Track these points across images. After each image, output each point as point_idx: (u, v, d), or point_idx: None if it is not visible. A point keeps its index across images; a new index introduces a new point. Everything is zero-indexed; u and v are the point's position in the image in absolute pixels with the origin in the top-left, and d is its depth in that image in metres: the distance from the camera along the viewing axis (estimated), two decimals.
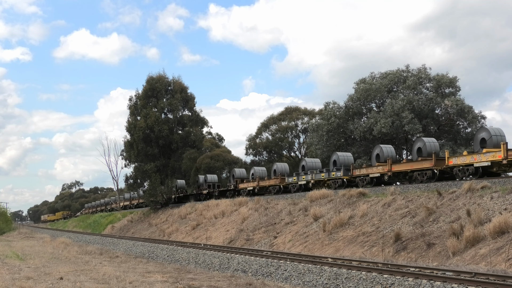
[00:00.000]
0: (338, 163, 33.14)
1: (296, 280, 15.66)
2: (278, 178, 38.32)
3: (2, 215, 73.80)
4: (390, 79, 45.26)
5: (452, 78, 44.05)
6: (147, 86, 58.95)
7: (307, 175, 35.17)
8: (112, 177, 77.52)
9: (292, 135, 63.02)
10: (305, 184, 35.28)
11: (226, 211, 37.44)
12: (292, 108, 64.48)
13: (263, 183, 40.29)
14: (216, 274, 17.64)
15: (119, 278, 15.75)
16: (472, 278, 12.53)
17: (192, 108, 61.92)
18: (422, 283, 12.54)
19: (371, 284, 13.48)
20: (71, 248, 31.92)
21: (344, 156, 33.83)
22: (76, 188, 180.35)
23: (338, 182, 32.23)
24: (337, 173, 32.45)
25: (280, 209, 31.37)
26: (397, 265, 15.53)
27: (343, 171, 31.97)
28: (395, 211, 22.55)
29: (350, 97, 45.87)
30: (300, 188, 35.69)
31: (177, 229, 41.20)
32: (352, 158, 34.57)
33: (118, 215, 67.44)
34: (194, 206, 45.28)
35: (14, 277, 15.91)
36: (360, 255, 19.63)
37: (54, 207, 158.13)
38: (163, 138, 56.20)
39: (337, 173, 32.49)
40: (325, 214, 26.17)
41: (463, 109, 41.57)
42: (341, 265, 16.12)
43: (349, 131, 44.93)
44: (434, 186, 23.98)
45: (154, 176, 53.77)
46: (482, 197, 19.62)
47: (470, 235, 16.76)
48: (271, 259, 19.27)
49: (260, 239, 27.89)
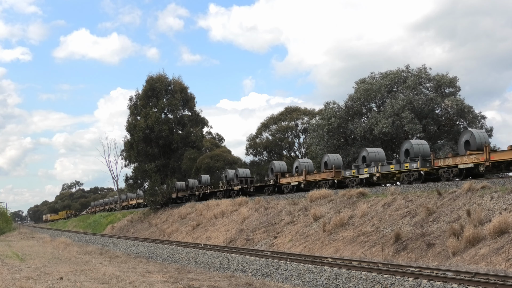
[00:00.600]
0: (412, 152, 28.20)
1: (296, 280, 15.66)
2: (332, 171, 33.20)
3: (2, 215, 73.82)
4: (390, 79, 45.26)
5: (452, 78, 44.06)
6: (147, 86, 58.97)
7: (370, 168, 30.28)
8: (112, 177, 77.66)
9: (292, 135, 63.04)
10: (368, 178, 30.48)
11: (226, 211, 37.43)
12: (292, 108, 64.50)
13: (311, 177, 35.17)
14: (216, 274, 17.64)
15: (119, 278, 15.75)
16: (472, 278, 12.53)
17: (192, 108, 61.94)
18: (422, 283, 12.54)
19: (371, 284, 13.48)
20: (71, 248, 31.92)
21: (419, 145, 28.68)
22: (76, 188, 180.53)
23: (414, 175, 27.41)
24: (412, 164, 27.52)
25: (280, 209, 31.37)
26: (397, 265, 15.52)
27: (420, 161, 27.05)
28: (395, 211, 22.55)
29: (350, 97, 45.87)
30: (360, 183, 30.73)
31: (177, 229, 41.20)
32: (428, 147, 29.37)
33: (118, 215, 67.44)
34: (194, 206, 45.28)
35: (14, 277, 15.91)
36: (360, 255, 19.63)
37: (54, 207, 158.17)
38: (163, 138, 56.22)
39: (411, 164, 27.55)
40: (325, 214, 26.17)
41: (463, 109, 41.57)
42: (341, 265, 16.12)
43: (349, 131, 44.92)
44: (434, 186, 23.98)
45: (154, 176, 53.78)
46: (482, 197, 19.62)
47: (470, 235, 16.75)
48: (271, 259, 19.27)
49: (260, 239, 27.89)
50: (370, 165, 30.52)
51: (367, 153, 31.89)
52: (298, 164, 37.60)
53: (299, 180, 36.05)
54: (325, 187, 32.85)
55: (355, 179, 31.17)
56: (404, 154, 28.64)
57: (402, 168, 28.30)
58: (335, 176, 32.91)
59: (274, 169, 39.79)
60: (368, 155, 31.66)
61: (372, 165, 30.29)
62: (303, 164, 37.15)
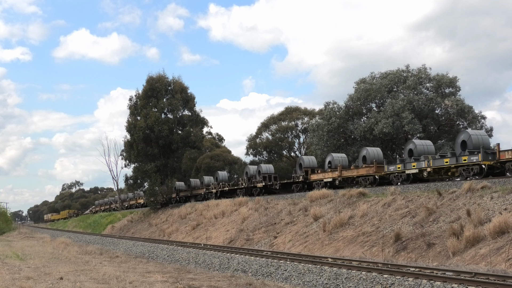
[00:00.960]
0: (470, 144, 25.59)
1: (296, 280, 15.66)
2: (373, 166, 30.20)
3: (2, 215, 73.85)
4: (390, 79, 45.27)
5: (452, 78, 44.08)
6: (147, 86, 58.92)
7: (420, 162, 27.31)
8: (112, 177, 77.76)
9: (292, 135, 63.08)
10: (416, 174, 27.39)
11: (226, 211, 37.43)
12: (292, 108, 64.54)
13: (347, 173, 32.25)
14: (216, 274, 17.64)
15: (119, 278, 15.75)
16: (472, 278, 12.53)
17: (192, 108, 61.87)
18: (422, 283, 12.54)
19: (371, 284, 13.48)
20: (71, 248, 31.91)
21: (478, 135, 26.05)
22: (76, 188, 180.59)
23: (474, 169, 24.65)
24: (472, 157, 24.73)
25: (280, 209, 31.37)
26: (397, 265, 15.53)
27: (481, 154, 24.24)
28: (395, 211, 22.55)
29: (350, 97, 45.89)
30: (407, 179, 27.78)
31: (177, 229, 41.20)
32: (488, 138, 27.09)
33: (118, 215, 67.46)
34: (194, 206, 45.28)
35: (14, 277, 15.91)
36: (360, 255, 19.63)
37: (54, 207, 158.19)
38: (163, 138, 56.16)
39: (471, 157, 24.78)
40: (325, 214, 26.17)
41: (463, 109, 41.59)
42: (341, 265, 16.12)
43: (349, 131, 44.93)
44: (434, 186, 23.98)
45: (154, 176, 53.79)
46: (482, 197, 19.63)
47: (470, 235, 16.76)
48: (271, 259, 19.27)
49: (260, 239, 27.89)
50: (419, 159, 27.50)
51: (414, 145, 28.79)
52: (331, 159, 34.54)
53: (333, 177, 32.98)
54: (364, 184, 30.35)
55: (400, 175, 28.21)
56: (460, 146, 26.08)
57: (459, 162, 25.41)
58: (377, 171, 29.96)
59: (303, 164, 36.47)
60: (415, 148, 28.56)
61: (422, 159, 27.21)
62: (337, 158, 34.02)
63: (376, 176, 30.14)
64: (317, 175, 34.91)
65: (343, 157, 34.85)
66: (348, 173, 32.20)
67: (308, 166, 36.32)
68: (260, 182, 40.30)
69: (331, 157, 34.80)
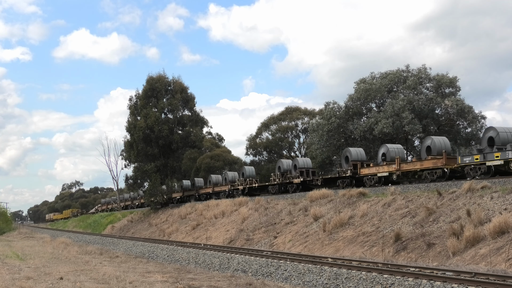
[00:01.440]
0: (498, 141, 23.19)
1: (296, 280, 15.66)
2: (442, 158, 26.39)
3: (2, 215, 73.85)
4: (390, 79, 45.26)
5: (452, 78, 44.06)
6: (147, 86, 58.91)
7: (505, 152, 23.08)
8: (112, 177, 77.67)
9: (292, 135, 63.08)
10: (500, 166, 23.40)
11: (226, 211, 37.44)
12: (292, 108, 64.53)
13: (408, 166, 28.71)
14: (216, 274, 17.64)
15: (119, 278, 15.75)
16: (472, 278, 12.53)
17: (192, 108, 61.86)
18: (422, 283, 12.54)
19: (371, 284, 13.48)
20: (71, 248, 31.92)
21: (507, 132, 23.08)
22: (76, 188, 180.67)
23: None
24: None
25: (280, 209, 31.37)
26: (397, 265, 15.52)
27: None
28: (395, 211, 22.55)
29: (350, 97, 45.87)
30: (487, 172, 23.89)
31: (177, 229, 41.20)
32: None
33: (118, 215, 67.45)
34: (194, 206, 45.28)
35: (14, 277, 15.91)
36: (360, 255, 19.63)
37: (54, 207, 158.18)
38: (163, 138, 56.15)
39: None
40: (325, 214, 26.17)
41: (463, 109, 41.57)
42: (341, 265, 16.12)
43: (349, 131, 44.92)
44: (434, 186, 23.97)
45: (154, 176, 53.79)
46: (482, 197, 19.62)
47: (470, 235, 16.76)
48: (271, 259, 19.28)
49: (260, 239, 27.89)
50: (503, 149, 23.45)
51: (495, 133, 24.40)
52: (385, 151, 30.83)
53: (389, 170, 29.37)
54: (431, 178, 26.68)
55: (479, 168, 24.31)
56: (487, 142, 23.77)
57: None
58: (447, 163, 26.15)
59: (351, 157, 32.63)
60: (497, 136, 24.21)
61: (508, 148, 23.07)
62: (393, 150, 30.41)
63: (445, 169, 26.28)
64: (368, 169, 31.31)
65: (400, 148, 31.22)
66: (409, 166, 28.61)
67: (356, 159, 32.47)
68: (296, 177, 36.63)
69: (386, 148, 30.98)
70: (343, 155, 33.88)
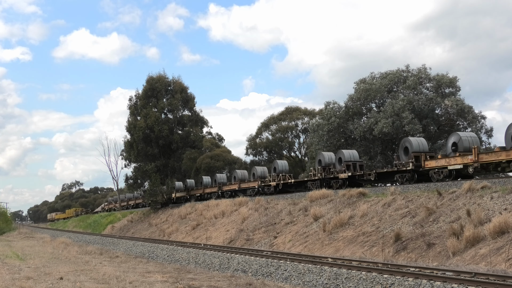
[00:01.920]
0: None
1: (296, 280, 15.66)
2: None
3: (2, 215, 73.83)
4: (390, 79, 45.27)
5: (452, 78, 44.07)
6: (147, 86, 59.00)
7: None
8: (112, 177, 77.51)
9: (292, 135, 63.12)
10: None
11: (226, 211, 37.43)
12: (292, 108, 64.57)
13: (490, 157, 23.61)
14: (216, 274, 17.64)
15: (119, 278, 15.75)
16: (472, 278, 12.53)
17: (192, 108, 61.96)
18: (422, 283, 12.54)
19: (371, 284, 13.47)
20: (71, 248, 31.91)
21: None
22: (76, 188, 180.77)
23: None
24: None
25: (280, 209, 31.36)
26: (397, 265, 15.52)
27: None
28: (395, 211, 22.55)
29: (350, 97, 45.88)
30: None
31: (177, 229, 41.20)
32: None
33: (118, 215, 67.43)
34: (194, 206, 45.27)
35: (14, 277, 15.90)
36: (360, 255, 19.62)
37: (54, 207, 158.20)
38: (163, 138, 56.24)
39: None
40: (325, 214, 26.17)
41: (463, 109, 41.57)
42: (341, 265, 16.11)
43: (349, 131, 44.92)
44: (434, 186, 23.96)
45: (154, 176, 53.83)
46: (482, 197, 19.62)
47: (470, 235, 16.75)
48: (271, 259, 19.28)
49: (260, 239, 27.88)
50: None
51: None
52: (457, 140, 26.00)
53: (463, 162, 24.48)
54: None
55: None
56: None
57: None
58: None
59: (411, 148, 27.96)
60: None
61: None
62: (466, 139, 25.64)
63: None
64: (435, 161, 26.46)
65: (474, 137, 26.54)
66: (491, 157, 23.40)
67: (418, 151, 27.93)
68: (342, 172, 32.46)
69: (457, 136, 26.39)
70: (401, 146, 29.17)
